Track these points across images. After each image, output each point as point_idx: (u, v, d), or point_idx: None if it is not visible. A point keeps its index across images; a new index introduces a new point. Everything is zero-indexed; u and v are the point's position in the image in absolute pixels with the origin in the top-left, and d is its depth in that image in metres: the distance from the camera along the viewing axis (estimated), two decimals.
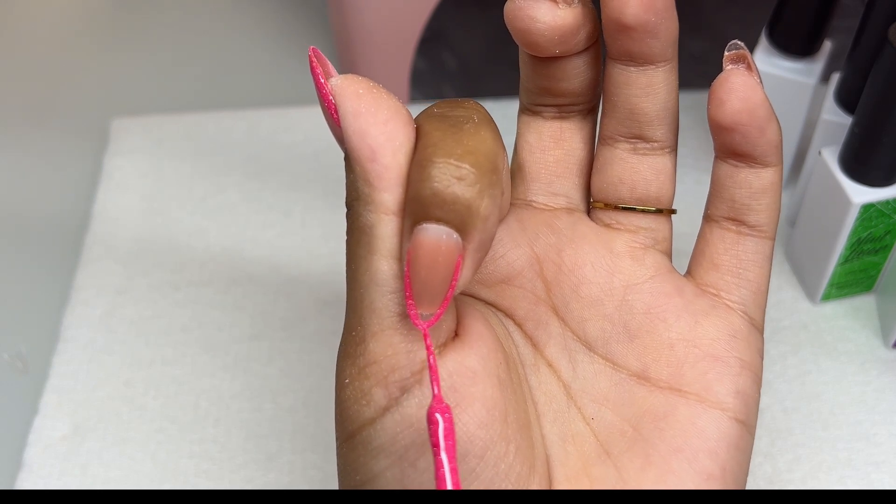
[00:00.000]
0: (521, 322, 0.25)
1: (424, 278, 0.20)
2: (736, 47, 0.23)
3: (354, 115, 0.21)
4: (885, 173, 0.34)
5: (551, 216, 0.25)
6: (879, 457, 0.35)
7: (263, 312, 0.41)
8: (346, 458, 0.22)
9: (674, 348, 0.24)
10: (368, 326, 0.21)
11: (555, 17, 0.22)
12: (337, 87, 0.21)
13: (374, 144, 0.20)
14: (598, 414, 0.24)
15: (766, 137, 0.23)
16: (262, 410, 0.38)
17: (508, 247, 0.25)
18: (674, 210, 0.26)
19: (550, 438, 0.24)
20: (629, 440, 0.23)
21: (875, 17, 0.34)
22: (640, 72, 0.23)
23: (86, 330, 0.41)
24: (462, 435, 0.20)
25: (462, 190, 0.19)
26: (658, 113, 0.24)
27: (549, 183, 0.26)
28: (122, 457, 0.37)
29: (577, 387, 0.24)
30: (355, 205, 0.21)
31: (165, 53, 0.53)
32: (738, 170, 0.24)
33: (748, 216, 0.24)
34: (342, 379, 0.21)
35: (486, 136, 0.21)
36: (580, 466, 0.23)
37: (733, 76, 0.22)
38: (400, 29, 0.44)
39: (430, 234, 0.19)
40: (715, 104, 0.23)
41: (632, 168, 0.25)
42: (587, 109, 0.26)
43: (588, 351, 0.25)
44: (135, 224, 0.44)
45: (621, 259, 0.25)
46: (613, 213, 0.25)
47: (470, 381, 0.21)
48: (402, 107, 0.21)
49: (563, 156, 0.26)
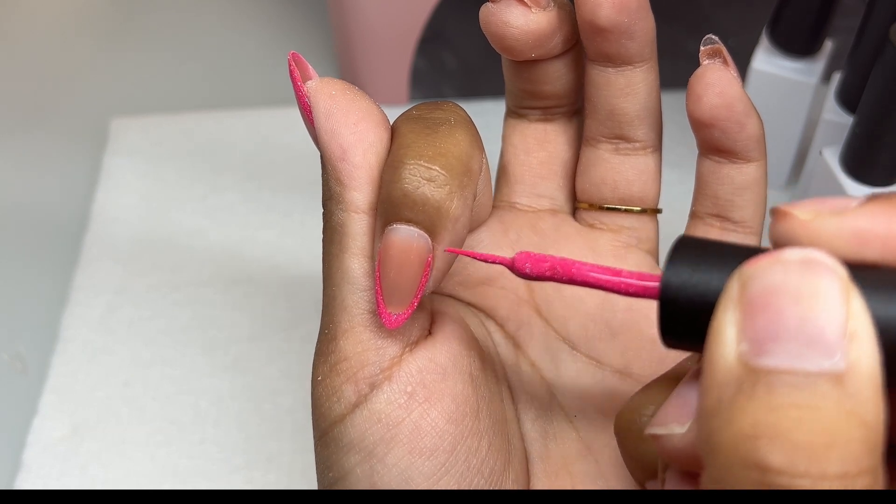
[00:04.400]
0: (502, 322, 0.25)
1: (394, 278, 0.20)
2: (711, 42, 0.23)
3: (326, 116, 0.21)
4: (887, 173, 0.34)
5: (535, 217, 0.26)
6: None
7: (263, 313, 0.41)
8: (321, 456, 0.22)
9: (656, 344, 0.24)
10: (339, 324, 0.21)
11: (528, 22, 0.22)
12: (312, 88, 0.21)
13: (344, 144, 0.21)
14: (581, 411, 0.24)
15: (745, 132, 0.23)
16: (262, 410, 0.38)
17: (490, 248, 0.25)
18: (659, 209, 0.26)
19: (531, 436, 0.24)
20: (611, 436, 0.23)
21: (876, 17, 0.34)
22: (619, 72, 0.23)
23: (85, 330, 0.41)
24: (431, 430, 0.21)
25: (431, 191, 0.20)
26: (638, 113, 0.24)
27: (534, 185, 0.26)
28: (122, 457, 0.37)
29: (559, 385, 0.25)
30: (328, 203, 0.22)
31: (165, 53, 0.53)
32: (721, 166, 0.24)
33: (732, 212, 0.24)
34: (315, 377, 0.22)
35: (461, 137, 0.21)
36: (561, 463, 0.23)
37: (709, 71, 0.22)
38: (400, 29, 0.44)
39: (399, 234, 0.20)
40: (693, 100, 0.23)
41: (614, 168, 0.25)
42: (571, 111, 0.26)
43: (571, 350, 0.25)
44: (134, 224, 0.44)
45: (604, 258, 0.25)
46: (597, 213, 0.25)
47: (440, 378, 0.21)
48: (376, 108, 0.22)
49: (548, 158, 0.26)
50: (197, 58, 0.53)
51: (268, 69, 0.52)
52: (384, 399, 0.21)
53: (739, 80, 0.23)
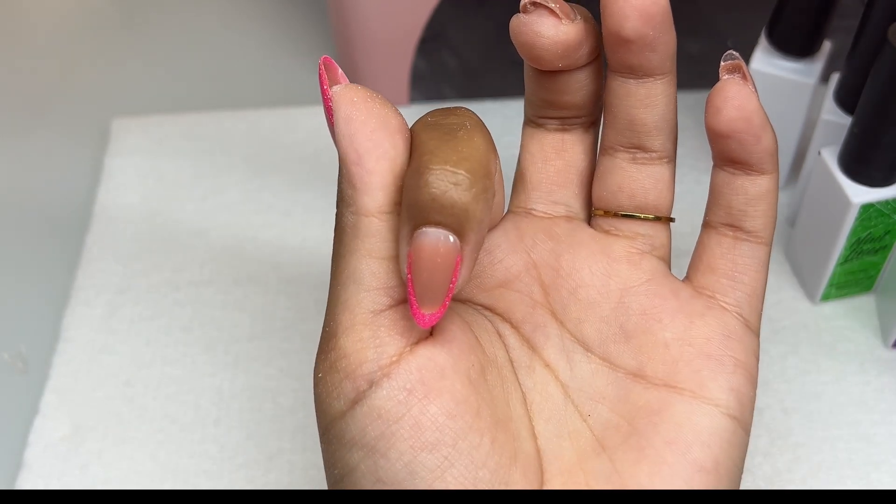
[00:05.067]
0: (518, 325, 0.26)
1: (426, 280, 0.21)
2: (732, 57, 0.24)
3: (346, 121, 0.22)
4: (885, 173, 0.34)
5: (550, 224, 0.26)
6: (879, 457, 0.35)
7: (263, 312, 0.41)
8: (326, 453, 0.23)
9: (669, 347, 0.25)
10: (340, 322, 0.22)
11: (558, 33, 0.23)
12: (336, 93, 0.22)
13: (360, 149, 0.22)
14: (595, 411, 0.25)
15: (761, 145, 0.24)
16: (262, 410, 0.38)
17: (506, 252, 0.26)
18: (672, 218, 0.26)
19: (545, 435, 0.24)
20: (624, 434, 0.24)
21: (875, 17, 0.34)
22: (640, 84, 0.24)
23: (86, 330, 0.41)
24: (431, 424, 0.21)
25: (459, 195, 0.20)
26: (657, 123, 0.25)
27: (550, 192, 0.27)
28: (122, 457, 0.37)
29: (574, 386, 0.25)
30: (340, 205, 0.22)
31: (166, 53, 0.53)
32: (735, 177, 0.25)
33: (744, 222, 0.25)
34: (316, 374, 0.22)
35: (479, 142, 0.22)
36: (575, 461, 0.24)
37: (729, 85, 0.23)
38: (400, 29, 0.44)
39: (429, 237, 0.20)
40: (712, 112, 0.24)
41: (631, 177, 0.26)
42: (589, 122, 0.26)
43: (585, 351, 0.25)
44: (135, 224, 0.45)
45: (619, 263, 0.26)
46: (613, 220, 0.26)
47: (439, 376, 0.22)
48: (396, 116, 0.22)
49: (564, 166, 0.27)
50: (197, 58, 0.53)
51: (268, 69, 0.52)
52: (383, 395, 0.21)
53: (757, 94, 0.23)
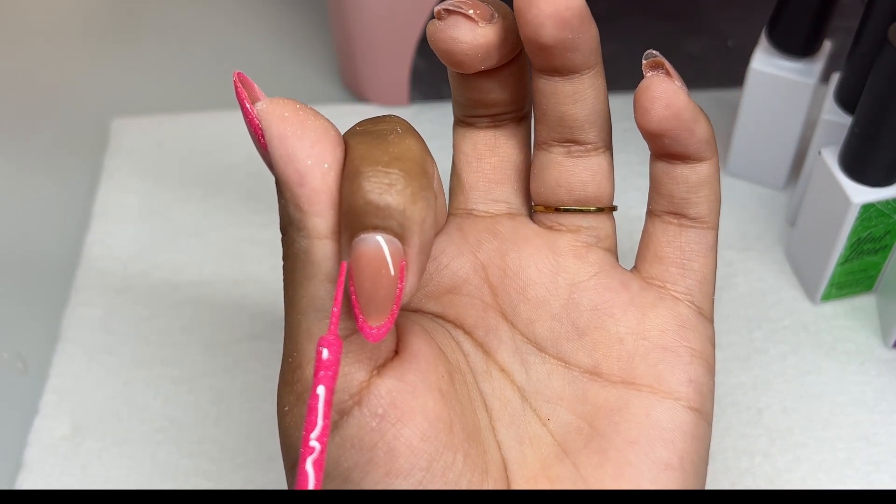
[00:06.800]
0: (470, 330, 0.25)
1: (370, 289, 0.20)
2: (652, 55, 0.23)
3: (280, 139, 0.20)
4: (885, 173, 0.34)
5: (493, 222, 0.26)
6: (879, 457, 0.35)
7: (263, 312, 0.41)
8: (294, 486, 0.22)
9: (623, 342, 0.24)
10: (304, 352, 0.21)
11: (476, 36, 0.22)
12: (262, 111, 0.20)
13: (301, 168, 0.20)
14: (554, 414, 0.24)
15: (695, 137, 0.23)
16: (262, 410, 0.38)
17: (452, 256, 0.25)
18: (614, 207, 0.26)
19: (507, 443, 0.24)
20: (586, 437, 0.23)
21: (875, 17, 0.34)
22: (566, 81, 0.23)
23: (86, 330, 0.41)
24: (405, 449, 0.21)
25: (394, 196, 0.19)
26: (588, 117, 0.24)
27: (488, 190, 0.26)
28: (122, 457, 0.37)
29: (531, 389, 0.25)
30: (289, 230, 0.21)
31: (165, 53, 0.53)
32: (674, 166, 0.24)
33: (688, 209, 0.24)
34: (282, 407, 0.21)
35: (412, 143, 0.21)
36: (539, 468, 0.23)
37: (654, 83, 0.23)
38: (400, 29, 0.44)
39: (369, 243, 0.19)
40: (640, 113, 0.23)
41: (567, 171, 0.25)
42: (520, 116, 0.26)
43: (539, 352, 0.25)
44: (135, 224, 0.45)
45: (565, 258, 0.25)
46: (554, 215, 0.25)
47: (410, 396, 0.21)
48: (331, 127, 0.21)
49: (500, 162, 0.26)
50: (197, 58, 0.53)
51: (268, 69, 0.52)
52: (355, 424, 0.21)
53: (684, 88, 0.23)
